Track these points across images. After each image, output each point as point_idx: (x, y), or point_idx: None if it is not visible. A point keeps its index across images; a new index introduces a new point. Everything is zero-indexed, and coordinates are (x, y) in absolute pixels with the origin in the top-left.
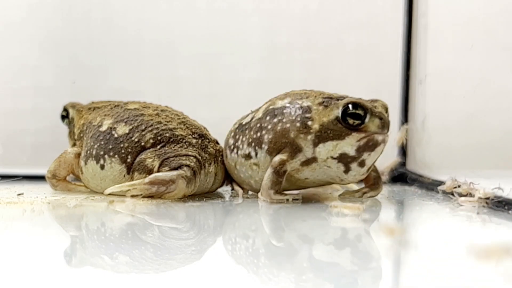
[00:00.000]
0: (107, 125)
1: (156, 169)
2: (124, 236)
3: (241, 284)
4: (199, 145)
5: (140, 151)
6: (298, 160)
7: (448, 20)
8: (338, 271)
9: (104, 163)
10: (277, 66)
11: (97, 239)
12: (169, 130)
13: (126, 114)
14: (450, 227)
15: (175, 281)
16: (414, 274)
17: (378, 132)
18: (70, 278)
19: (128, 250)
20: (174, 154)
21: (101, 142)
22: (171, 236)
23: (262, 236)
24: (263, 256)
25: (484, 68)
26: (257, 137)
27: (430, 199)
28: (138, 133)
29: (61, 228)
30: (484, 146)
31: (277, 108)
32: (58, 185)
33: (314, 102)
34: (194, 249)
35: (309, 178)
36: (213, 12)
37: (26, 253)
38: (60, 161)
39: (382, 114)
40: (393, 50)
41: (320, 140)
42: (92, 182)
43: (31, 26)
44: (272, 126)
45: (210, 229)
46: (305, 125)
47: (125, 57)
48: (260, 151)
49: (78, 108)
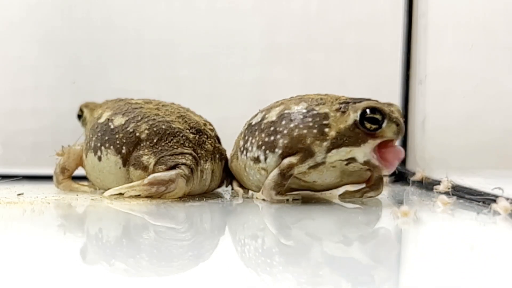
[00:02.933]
0: (105, 117)
1: (151, 166)
2: (124, 236)
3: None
4: (196, 140)
5: (135, 142)
6: (307, 165)
7: (448, 20)
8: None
9: (101, 155)
10: (277, 66)
11: (98, 239)
12: (166, 122)
13: (125, 107)
14: (450, 227)
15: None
16: (416, 274)
17: (393, 138)
18: (70, 278)
19: (128, 250)
20: (170, 153)
21: (98, 134)
22: (172, 236)
23: (269, 235)
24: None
25: (484, 68)
26: (270, 141)
27: (430, 199)
28: (133, 124)
29: (61, 228)
30: (484, 146)
31: (293, 113)
32: (62, 183)
33: (331, 109)
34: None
35: (317, 181)
36: (213, 12)
37: (26, 253)
38: (69, 154)
39: (398, 120)
40: (393, 50)
41: (334, 146)
42: (92, 174)
43: (31, 26)
44: (289, 132)
45: (214, 230)
46: (322, 132)
47: (125, 57)
48: (271, 155)
49: (91, 107)
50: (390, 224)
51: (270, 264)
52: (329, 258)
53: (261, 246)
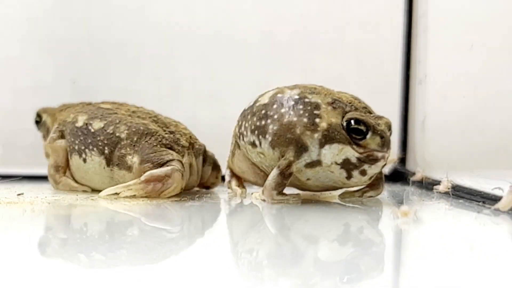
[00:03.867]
0: (82, 121)
1: (136, 165)
2: (125, 236)
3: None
4: (171, 138)
5: (116, 141)
6: (304, 161)
7: (448, 20)
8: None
9: (86, 157)
10: (277, 66)
11: (98, 239)
12: (143, 124)
13: (100, 112)
14: (450, 227)
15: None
16: (415, 274)
17: (377, 149)
18: (70, 278)
19: (128, 250)
20: (153, 150)
21: (80, 137)
22: (171, 237)
23: (268, 234)
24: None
25: (484, 68)
26: (261, 125)
27: (430, 199)
28: (112, 126)
29: (61, 228)
30: (484, 146)
31: (285, 98)
32: (60, 182)
33: (323, 101)
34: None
35: (311, 179)
36: (213, 12)
37: (26, 253)
38: (57, 151)
39: (383, 132)
40: (393, 50)
41: (326, 140)
42: (78, 175)
43: (31, 26)
44: (278, 117)
45: (217, 229)
46: (313, 122)
47: (125, 57)
48: (264, 141)
49: (50, 112)
50: (390, 224)
51: (268, 265)
52: (328, 259)
53: (261, 247)
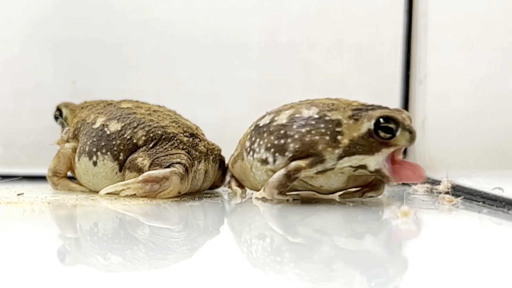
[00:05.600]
0: (100, 122)
1: (146, 168)
2: (125, 236)
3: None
4: (190, 143)
5: (132, 148)
6: (315, 169)
7: (448, 20)
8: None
9: (97, 160)
10: (277, 66)
11: (98, 239)
12: (161, 127)
13: (119, 112)
14: (450, 227)
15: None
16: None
17: (406, 145)
18: (70, 278)
19: (128, 251)
20: (165, 154)
21: (93, 138)
22: (171, 237)
23: (270, 232)
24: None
25: (484, 68)
26: (280, 144)
27: (430, 199)
28: (130, 130)
29: (61, 228)
30: (484, 146)
31: (305, 118)
32: (59, 184)
33: (344, 116)
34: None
35: (324, 186)
36: (213, 12)
37: (26, 253)
38: (59, 157)
39: (411, 127)
40: (393, 50)
41: (347, 154)
42: (84, 177)
43: (31, 26)
44: (300, 136)
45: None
46: (335, 139)
47: (125, 57)
48: (281, 158)
49: (71, 108)
50: (390, 224)
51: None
52: (328, 259)
53: (268, 244)
